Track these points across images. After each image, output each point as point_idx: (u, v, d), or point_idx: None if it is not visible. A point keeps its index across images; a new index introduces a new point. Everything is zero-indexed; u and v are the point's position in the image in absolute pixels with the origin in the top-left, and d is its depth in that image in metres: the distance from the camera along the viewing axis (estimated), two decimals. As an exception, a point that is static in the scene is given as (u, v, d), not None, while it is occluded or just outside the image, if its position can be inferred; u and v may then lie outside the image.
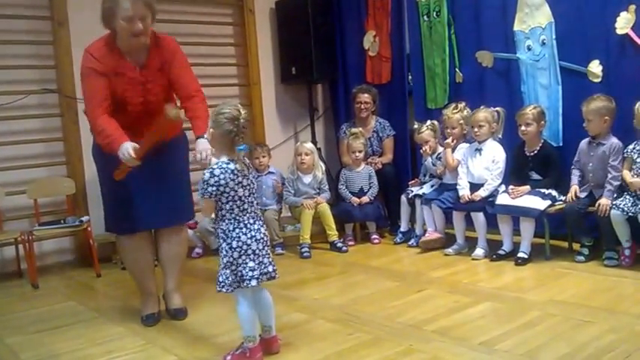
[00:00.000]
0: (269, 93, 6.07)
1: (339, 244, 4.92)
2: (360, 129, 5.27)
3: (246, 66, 5.89)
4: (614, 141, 4.00)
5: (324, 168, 5.23)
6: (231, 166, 2.63)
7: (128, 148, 2.95)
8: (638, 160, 3.85)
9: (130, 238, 3.36)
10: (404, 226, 5.02)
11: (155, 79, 3.23)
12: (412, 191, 4.93)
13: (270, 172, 5.21)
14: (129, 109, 3.20)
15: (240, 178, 2.64)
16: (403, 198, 4.97)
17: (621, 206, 3.80)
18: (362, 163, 5.20)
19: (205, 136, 2.94)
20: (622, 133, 4.01)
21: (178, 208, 3.43)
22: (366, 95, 5.42)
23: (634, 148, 3.88)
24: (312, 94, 6.08)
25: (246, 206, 2.66)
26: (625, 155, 3.92)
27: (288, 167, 5.25)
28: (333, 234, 4.96)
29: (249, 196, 2.68)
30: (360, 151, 5.14)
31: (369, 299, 3.62)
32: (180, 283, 3.57)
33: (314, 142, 5.70)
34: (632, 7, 3.97)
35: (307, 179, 5.11)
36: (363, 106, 5.42)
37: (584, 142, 4.15)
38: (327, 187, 5.14)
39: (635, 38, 3.98)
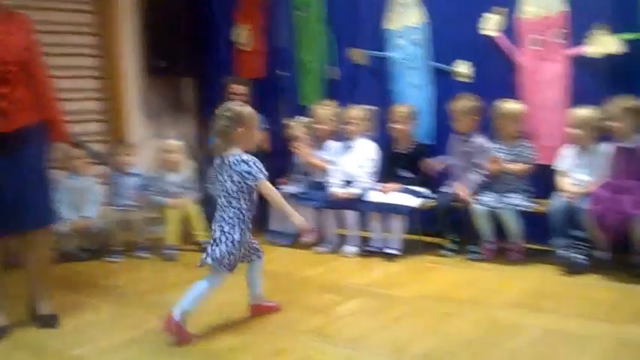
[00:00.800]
0: (133, 87, 5.81)
1: (206, 245, 4.76)
2: None
3: (106, 57, 5.60)
4: (480, 139, 4.18)
5: (192, 166, 5.08)
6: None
7: None
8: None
9: None
10: (274, 225, 4.98)
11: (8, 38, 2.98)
12: (282, 189, 4.86)
13: (133, 173, 4.98)
14: None
15: None
16: None
17: (484, 201, 3.97)
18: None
19: None
20: (489, 132, 4.21)
21: (42, 208, 3.16)
22: (240, 87, 5.32)
23: (500, 148, 4.09)
24: (181, 89, 5.89)
25: None
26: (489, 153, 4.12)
27: (152, 165, 5.05)
28: (201, 234, 4.82)
29: None
30: None
31: (240, 302, 3.52)
32: (47, 289, 3.31)
33: (182, 138, 5.51)
34: (499, 10, 4.18)
35: (173, 178, 4.93)
36: (236, 97, 5.29)
37: (452, 139, 4.31)
38: (194, 185, 4.99)
39: (501, 40, 4.20)
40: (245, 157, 2.93)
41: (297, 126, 4.89)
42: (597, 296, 3.24)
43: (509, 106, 4.06)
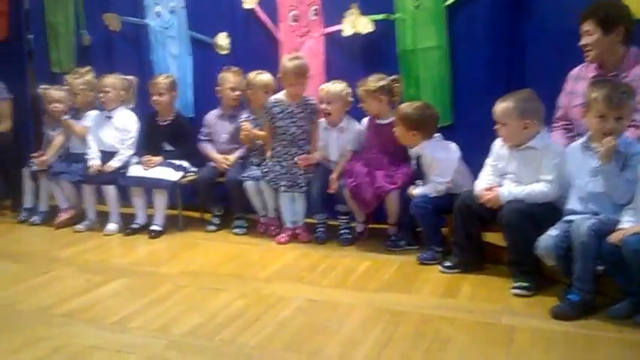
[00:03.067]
0: None
1: None
2: None
3: None
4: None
5: None
6: None
7: None
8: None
9: None
10: (28, 202, 4.75)
11: None
12: (34, 164, 4.66)
13: None
14: None
15: None
16: (25, 172, 4.70)
17: (252, 175, 4.16)
18: None
19: None
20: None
21: None
22: None
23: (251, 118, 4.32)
24: None
25: None
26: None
27: None
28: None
29: None
30: None
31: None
32: None
33: None
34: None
35: None
36: None
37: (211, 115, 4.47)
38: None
39: (261, 14, 4.41)
40: None
41: (53, 91, 4.66)
42: (354, 267, 3.57)
43: (261, 77, 4.24)
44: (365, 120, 4.08)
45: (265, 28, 4.43)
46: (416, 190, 3.64)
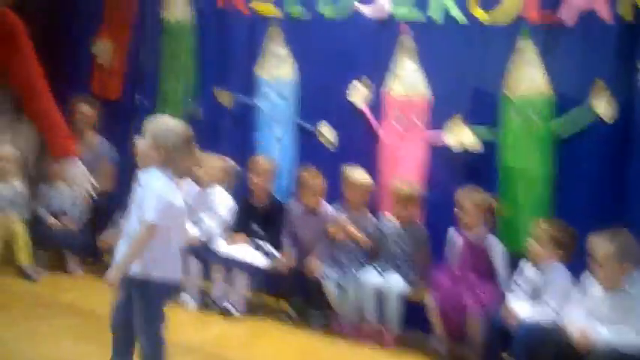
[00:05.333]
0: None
1: (29, 271, 4.73)
2: None
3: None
4: (329, 209, 4.53)
5: (24, 180, 5.00)
6: None
7: None
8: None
9: None
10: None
11: None
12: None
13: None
14: None
15: None
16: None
17: (332, 275, 4.27)
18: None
19: None
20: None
21: None
22: (86, 106, 5.33)
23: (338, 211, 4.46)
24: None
25: None
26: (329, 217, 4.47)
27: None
28: (23, 257, 4.74)
29: None
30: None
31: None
32: None
33: (18, 149, 5.39)
34: (368, 80, 4.60)
35: (2, 188, 4.86)
36: (80, 118, 5.30)
37: (296, 209, 4.60)
38: (24, 202, 4.92)
39: (366, 111, 4.62)
40: None
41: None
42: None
43: (355, 174, 4.40)
44: (452, 232, 4.17)
45: (369, 125, 4.63)
46: (521, 310, 3.56)
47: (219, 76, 5.21)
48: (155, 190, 2.65)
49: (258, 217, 4.66)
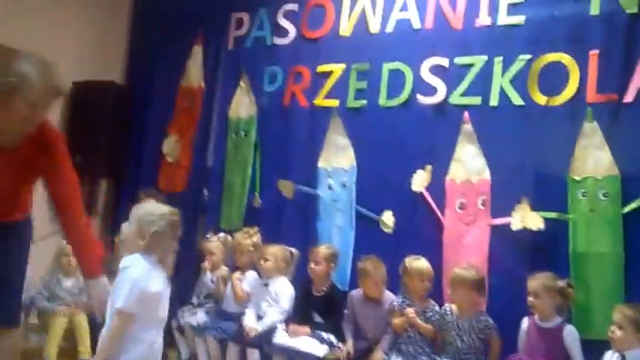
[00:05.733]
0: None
1: (91, 365, 4.75)
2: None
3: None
4: (392, 298, 4.44)
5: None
6: None
7: None
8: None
9: None
10: (185, 354, 4.96)
11: (15, 171, 2.91)
12: (182, 317, 4.91)
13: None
14: None
15: None
16: (173, 324, 4.89)
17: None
18: None
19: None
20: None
21: (9, 306, 3.04)
22: (147, 200, 5.46)
23: (402, 302, 4.35)
24: (94, 190, 6.01)
25: None
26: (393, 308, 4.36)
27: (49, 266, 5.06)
28: (84, 350, 4.77)
29: None
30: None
31: None
32: None
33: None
34: (429, 167, 4.62)
35: (69, 283, 4.95)
36: None
37: (357, 297, 4.55)
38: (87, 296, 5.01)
39: (429, 199, 4.61)
40: None
41: (213, 241, 5.04)
42: None
43: (417, 263, 4.32)
44: (525, 321, 4.01)
45: (431, 212, 4.61)
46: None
47: (281, 168, 5.33)
48: (130, 277, 2.62)
49: (319, 306, 4.60)
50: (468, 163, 4.53)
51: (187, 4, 6.01)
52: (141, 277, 2.62)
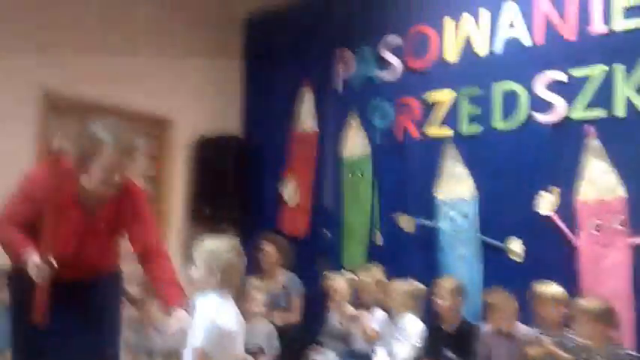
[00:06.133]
0: (176, 231, 6.13)
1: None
2: (261, 280, 5.32)
3: (157, 200, 5.99)
4: (525, 330, 4.21)
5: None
6: None
7: (33, 260, 2.77)
8: None
9: None
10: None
11: (101, 232, 3.10)
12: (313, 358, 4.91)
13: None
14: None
15: None
16: None
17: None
18: (260, 318, 5.16)
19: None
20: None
21: (108, 353, 3.22)
22: (267, 244, 5.56)
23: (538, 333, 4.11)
24: (222, 239, 6.16)
25: None
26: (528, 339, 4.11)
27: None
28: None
29: None
30: (258, 304, 5.09)
31: None
32: None
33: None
34: (556, 189, 4.40)
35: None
36: (264, 257, 5.54)
37: (489, 332, 4.33)
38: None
39: (559, 222, 4.38)
40: None
41: (337, 279, 5.01)
42: None
43: (549, 288, 4.10)
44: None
45: (561, 236, 4.37)
46: None
47: (399, 203, 5.27)
48: (206, 315, 2.61)
49: (449, 341, 4.45)
50: (599, 181, 4.28)
51: (291, 47, 6.10)
52: (216, 314, 2.63)
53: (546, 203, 4.45)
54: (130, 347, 4.88)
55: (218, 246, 2.72)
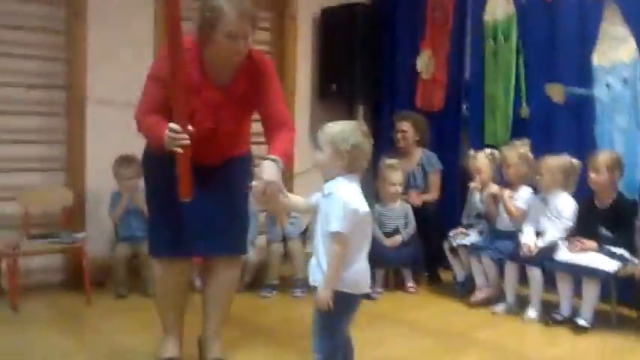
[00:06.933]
0: (303, 109, 6.09)
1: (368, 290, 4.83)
2: (397, 160, 5.20)
3: (281, 77, 5.87)
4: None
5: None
6: None
7: (172, 126, 2.83)
8: None
9: (169, 263, 3.22)
10: (460, 276, 4.91)
11: (235, 104, 3.12)
12: (455, 239, 4.83)
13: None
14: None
15: None
16: (445, 246, 4.91)
17: None
18: (398, 199, 5.14)
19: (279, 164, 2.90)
20: None
21: (235, 235, 3.32)
22: (405, 123, 5.39)
23: None
24: (353, 116, 6.06)
25: None
26: None
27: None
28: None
29: None
30: (395, 185, 5.05)
31: (400, 359, 3.55)
32: (223, 329, 3.40)
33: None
34: None
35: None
36: (400, 135, 5.40)
37: None
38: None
39: None
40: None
41: (480, 158, 4.81)
42: None
43: None
44: None
45: None
46: None
47: (548, 71, 4.91)
48: (340, 199, 2.55)
49: (605, 219, 4.21)
50: None
51: None
52: (350, 197, 2.57)
53: None
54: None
55: (343, 129, 2.64)
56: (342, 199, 2.56)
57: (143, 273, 4.73)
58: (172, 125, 2.83)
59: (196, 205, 3.01)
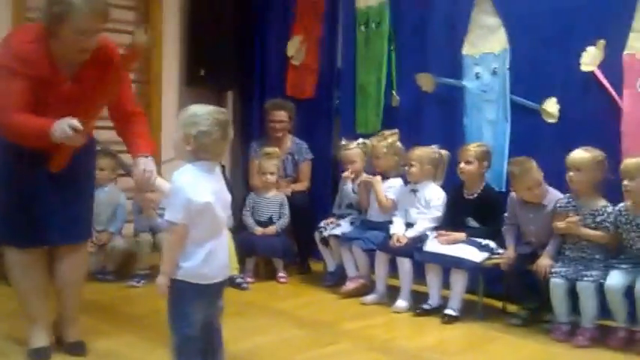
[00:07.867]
0: (170, 96, 5.84)
1: (239, 280, 4.76)
2: (276, 148, 5.13)
3: (145, 61, 5.60)
4: (556, 196, 4.01)
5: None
6: None
7: (68, 122, 2.79)
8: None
9: (22, 252, 3.21)
10: (331, 266, 4.90)
11: (86, 94, 3.08)
12: (326, 229, 4.83)
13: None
14: None
15: None
16: (316, 236, 4.90)
17: (561, 273, 3.77)
18: (273, 188, 5.09)
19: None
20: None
21: (82, 222, 3.35)
22: (281, 112, 5.34)
23: (567, 203, 3.91)
24: (222, 103, 5.89)
25: None
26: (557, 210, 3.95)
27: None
28: (232, 267, 4.74)
29: None
30: (272, 174, 5.03)
31: (270, 349, 3.50)
32: (78, 312, 3.42)
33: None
34: (601, 43, 4.04)
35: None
36: (277, 125, 5.33)
37: (518, 199, 4.12)
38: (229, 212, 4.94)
39: (602, 78, 4.06)
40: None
41: (352, 148, 4.81)
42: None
43: (584, 154, 3.78)
44: None
45: (604, 95, 4.05)
46: None
47: (419, 60, 4.92)
48: (176, 188, 2.52)
49: (473, 210, 4.29)
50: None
51: None
52: (187, 186, 2.50)
53: (589, 58, 4.08)
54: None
55: (195, 112, 2.56)
56: (179, 187, 2.49)
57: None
58: (74, 123, 2.80)
59: (49, 195, 3.09)
